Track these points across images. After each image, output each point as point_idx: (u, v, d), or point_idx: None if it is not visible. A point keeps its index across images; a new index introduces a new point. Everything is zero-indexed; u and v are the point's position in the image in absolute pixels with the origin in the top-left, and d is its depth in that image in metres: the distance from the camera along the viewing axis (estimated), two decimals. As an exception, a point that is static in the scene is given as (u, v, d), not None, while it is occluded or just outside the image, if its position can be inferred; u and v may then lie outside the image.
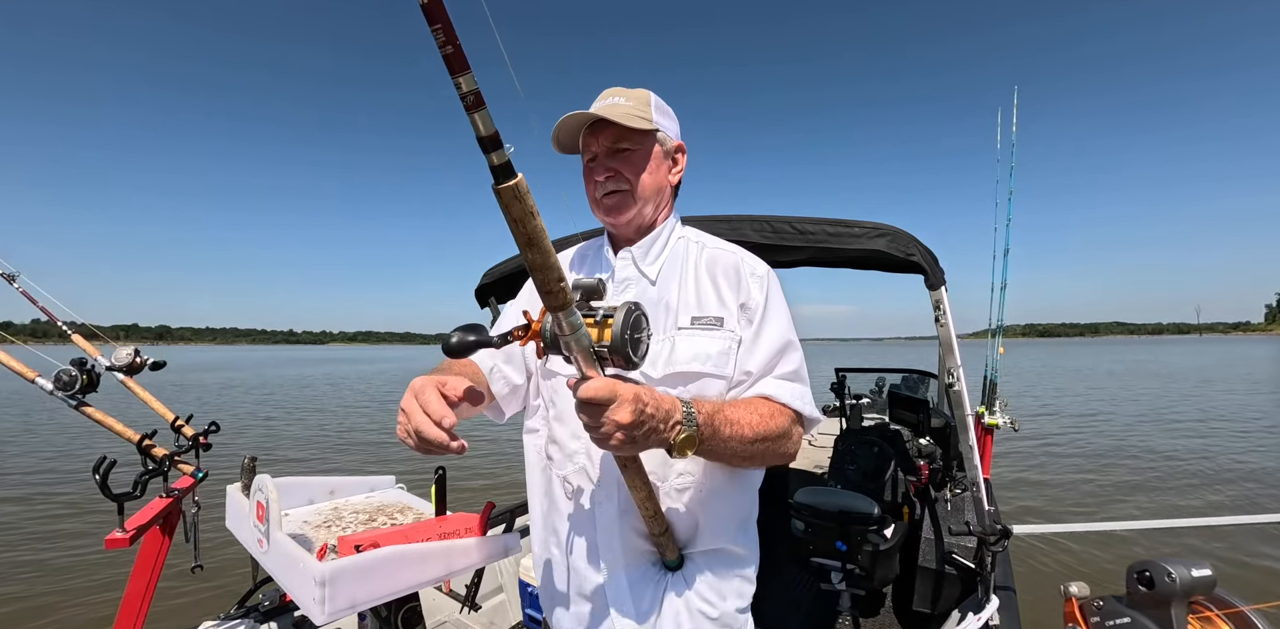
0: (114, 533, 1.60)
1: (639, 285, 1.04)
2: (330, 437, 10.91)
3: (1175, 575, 1.45)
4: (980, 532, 1.83)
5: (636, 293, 1.03)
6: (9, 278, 2.02)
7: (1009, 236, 3.88)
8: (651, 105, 1.00)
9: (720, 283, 1.01)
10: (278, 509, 1.10)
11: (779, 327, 0.99)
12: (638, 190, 1.00)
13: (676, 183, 1.08)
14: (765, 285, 1.00)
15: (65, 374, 1.71)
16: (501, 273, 2.09)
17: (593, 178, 1.02)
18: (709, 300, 1.00)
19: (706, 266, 1.03)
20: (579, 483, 1.01)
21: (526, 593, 2.22)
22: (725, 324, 0.97)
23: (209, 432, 2.03)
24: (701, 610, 0.97)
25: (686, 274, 1.04)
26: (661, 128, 1.01)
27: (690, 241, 1.09)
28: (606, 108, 0.97)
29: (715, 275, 1.02)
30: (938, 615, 2.21)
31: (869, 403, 4.34)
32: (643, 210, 1.03)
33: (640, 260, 1.05)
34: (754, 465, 0.97)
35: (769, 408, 0.91)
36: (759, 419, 0.87)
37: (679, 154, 1.07)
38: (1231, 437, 9.93)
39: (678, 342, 0.97)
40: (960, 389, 1.64)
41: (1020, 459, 8.22)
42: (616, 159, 1.00)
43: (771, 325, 0.98)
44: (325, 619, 0.95)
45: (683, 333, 0.97)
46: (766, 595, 1.15)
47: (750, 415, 0.87)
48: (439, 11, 0.48)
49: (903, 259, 1.46)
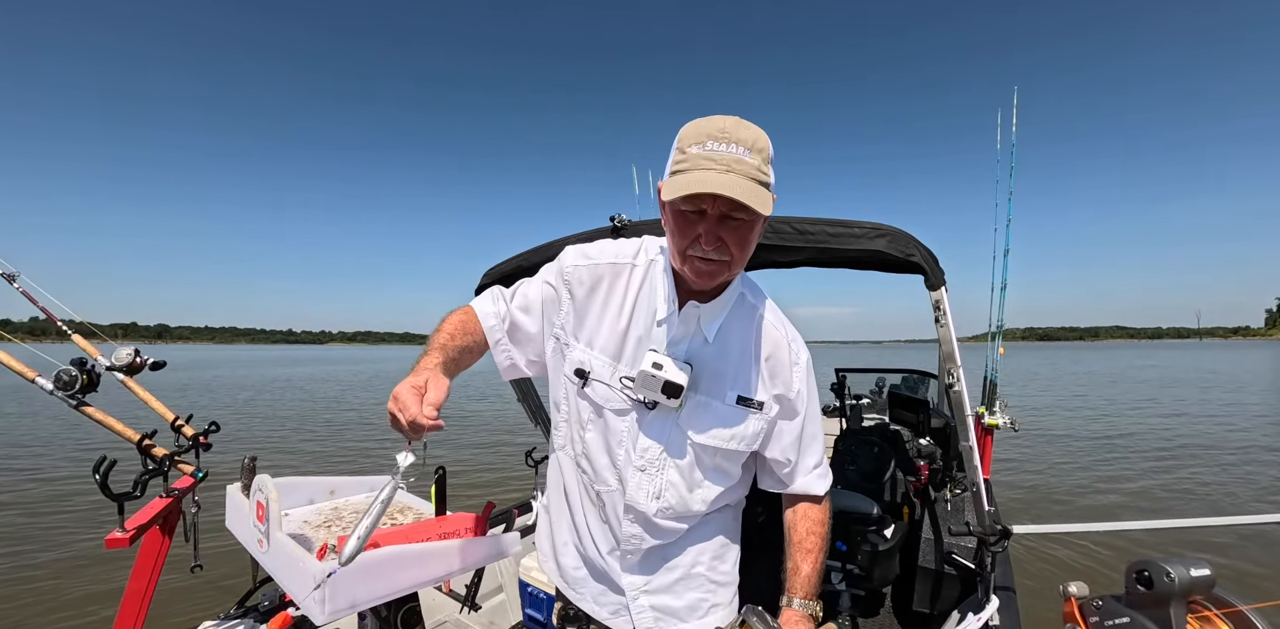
0: (114, 533, 1.60)
1: (695, 341, 1.03)
2: (330, 436, 10.90)
3: (1174, 575, 1.45)
4: (980, 532, 1.83)
5: (690, 349, 1.03)
6: (9, 277, 2.02)
7: (1009, 237, 3.87)
8: (771, 162, 0.90)
9: (765, 366, 1.05)
10: (278, 509, 1.10)
11: (815, 417, 1.11)
12: (735, 262, 0.95)
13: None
14: (805, 375, 1.07)
15: (65, 374, 1.71)
16: (502, 272, 2.09)
17: (693, 236, 0.91)
18: (754, 381, 1.05)
19: (756, 341, 1.05)
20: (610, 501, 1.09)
21: (526, 593, 2.22)
22: (764, 409, 1.05)
23: (209, 431, 2.03)
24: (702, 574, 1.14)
25: (740, 343, 1.05)
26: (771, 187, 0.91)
27: (746, 300, 1.07)
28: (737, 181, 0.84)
29: (762, 354, 1.05)
30: (937, 616, 2.21)
31: (869, 403, 4.35)
32: (728, 279, 1.01)
33: (704, 318, 1.03)
34: None
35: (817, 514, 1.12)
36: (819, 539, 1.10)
37: None
38: (1231, 437, 9.93)
39: (725, 416, 1.04)
40: (960, 389, 1.64)
41: (1021, 459, 8.22)
42: (725, 227, 0.91)
43: (811, 418, 1.10)
44: (325, 619, 0.95)
45: (729, 409, 1.04)
46: (766, 595, 1.16)
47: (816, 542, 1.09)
48: None
49: (902, 259, 1.45)
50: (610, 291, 1.05)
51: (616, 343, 1.04)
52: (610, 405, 1.04)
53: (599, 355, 1.04)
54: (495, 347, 1.08)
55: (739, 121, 0.89)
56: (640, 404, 1.02)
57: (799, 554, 1.09)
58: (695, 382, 1.01)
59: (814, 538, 1.09)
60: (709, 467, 1.06)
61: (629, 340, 1.04)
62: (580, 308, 1.06)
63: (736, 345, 1.04)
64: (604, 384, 1.04)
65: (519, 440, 8.22)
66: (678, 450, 1.03)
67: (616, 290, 1.05)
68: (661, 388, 0.96)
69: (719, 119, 0.89)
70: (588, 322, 1.06)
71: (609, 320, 1.05)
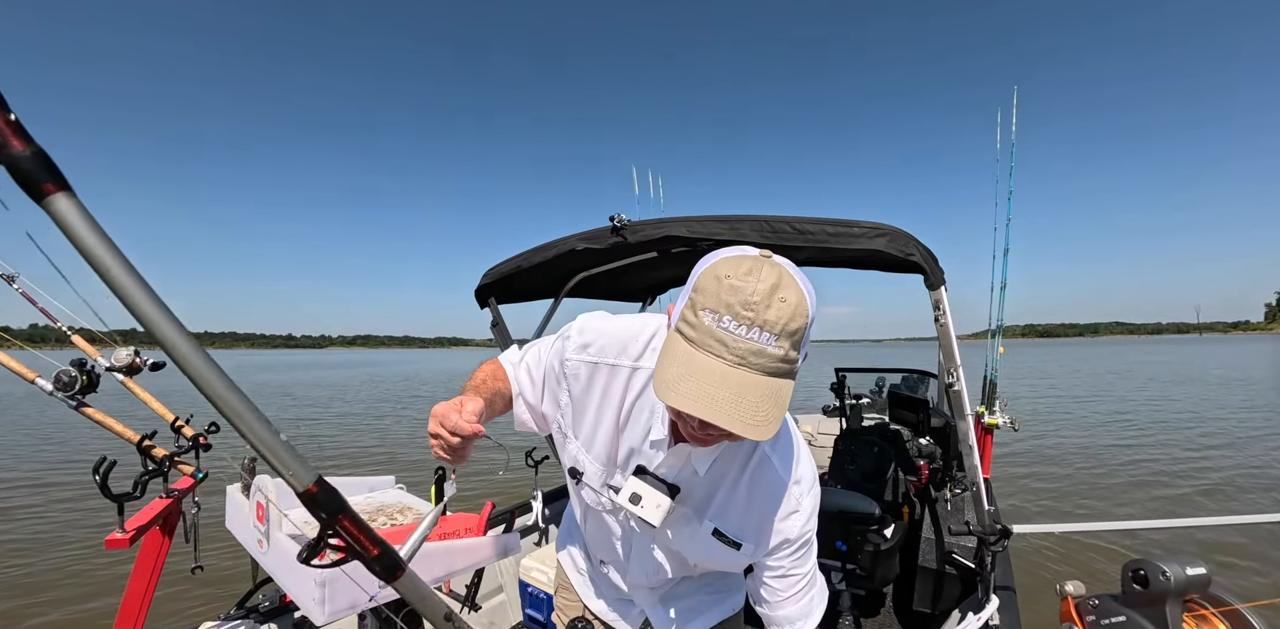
0: (114, 533, 1.60)
1: (684, 472, 0.95)
2: (330, 436, 10.91)
3: (1170, 574, 1.45)
4: (980, 531, 1.83)
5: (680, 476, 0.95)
6: (8, 279, 2.02)
7: (1009, 236, 3.88)
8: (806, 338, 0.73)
9: (754, 511, 0.96)
10: (278, 510, 1.10)
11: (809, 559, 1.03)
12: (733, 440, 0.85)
13: None
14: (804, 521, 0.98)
15: (65, 375, 1.70)
16: (501, 273, 2.09)
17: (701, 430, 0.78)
18: (736, 520, 0.97)
19: (750, 481, 0.96)
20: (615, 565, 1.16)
21: (526, 593, 2.22)
22: (743, 549, 0.98)
23: (209, 432, 2.03)
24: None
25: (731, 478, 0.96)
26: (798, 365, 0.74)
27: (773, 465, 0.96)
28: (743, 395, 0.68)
29: (755, 497, 0.96)
30: (938, 615, 2.22)
31: (869, 403, 4.35)
32: None
33: (696, 458, 0.93)
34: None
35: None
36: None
37: None
38: (1231, 436, 9.94)
39: (697, 537, 0.99)
40: (960, 389, 1.64)
41: (1020, 459, 8.23)
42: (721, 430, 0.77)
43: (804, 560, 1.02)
44: (325, 619, 0.95)
45: (704, 535, 0.99)
46: None
47: None
48: None
49: (902, 259, 1.46)
50: (607, 393, 0.97)
51: (608, 450, 1.00)
52: (600, 507, 1.07)
53: (592, 460, 1.02)
54: (515, 399, 1.05)
55: (775, 289, 0.68)
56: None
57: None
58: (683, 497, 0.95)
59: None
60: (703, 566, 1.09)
61: (621, 449, 0.99)
62: (578, 404, 1.00)
63: (728, 482, 0.96)
64: (593, 490, 1.04)
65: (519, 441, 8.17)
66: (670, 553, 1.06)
67: (613, 393, 0.97)
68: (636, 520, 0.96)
69: (752, 279, 0.68)
70: (585, 421, 1.00)
71: (605, 425, 0.99)
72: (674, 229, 1.58)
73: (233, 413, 0.53)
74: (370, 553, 0.65)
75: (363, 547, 0.65)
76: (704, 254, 0.77)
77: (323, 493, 0.60)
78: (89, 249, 0.47)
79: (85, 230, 0.46)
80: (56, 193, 0.45)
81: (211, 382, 0.52)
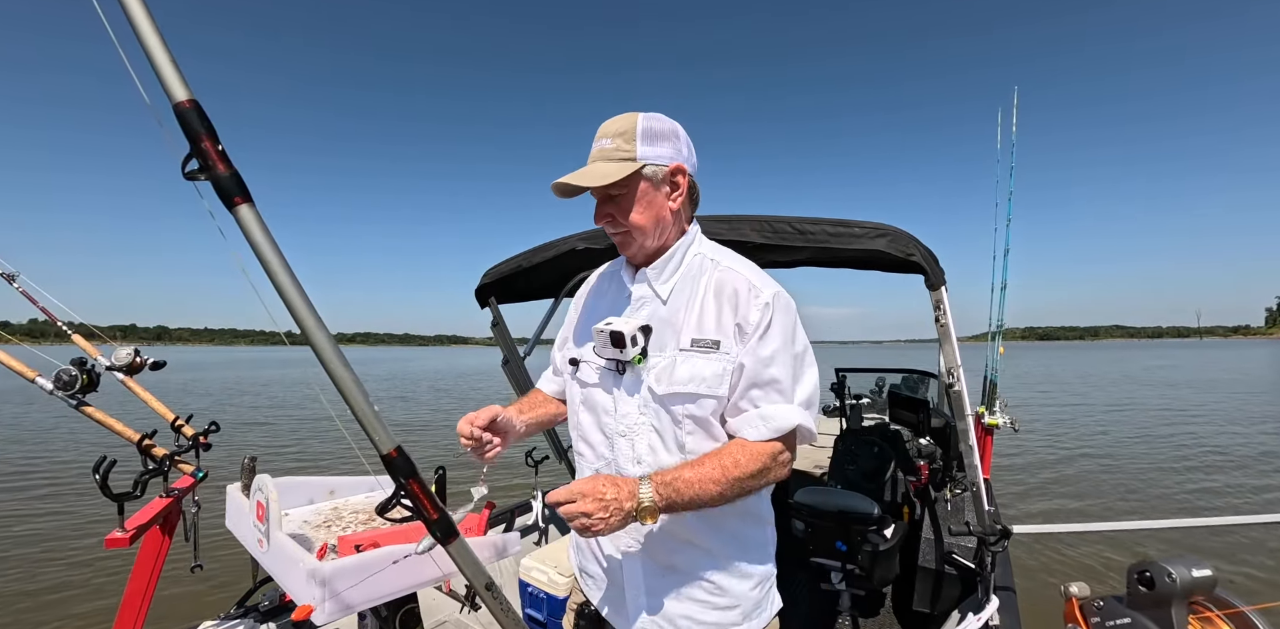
0: (114, 533, 1.60)
1: (652, 305, 1.10)
2: (330, 436, 10.91)
3: (1175, 576, 1.45)
4: (980, 532, 1.83)
5: (650, 312, 1.10)
6: (9, 278, 2.02)
7: (1009, 237, 3.88)
8: (638, 136, 1.02)
9: (724, 305, 1.04)
10: (278, 509, 1.10)
11: (767, 354, 1.00)
12: (636, 230, 1.06)
13: (678, 207, 1.08)
14: (767, 310, 1.01)
15: (65, 374, 1.70)
16: (501, 273, 2.09)
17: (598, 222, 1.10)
18: (709, 323, 1.04)
19: (715, 288, 1.06)
20: None
21: (526, 593, 2.22)
22: (721, 347, 1.02)
23: (209, 431, 2.03)
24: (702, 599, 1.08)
25: (695, 294, 1.07)
26: (648, 159, 1.02)
27: (706, 259, 1.11)
28: (586, 172, 1.03)
29: (721, 297, 1.04)
30: (938, 615, 2.21)
31: (869, 403, 4.34)
32: (644, 244, 1.09)
33: (654, 280, 1.11)
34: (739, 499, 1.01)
35: (740, 454, 0.98)
36: (721, 471, 0.96)
37: (678, 177, 1.06)
38: (1232, 437, 9.93)
39: (679, 362, 1.03)
40: (960, 389, 1.64)
41: (1020, 459, 8.22)
42: (610, 204, 1.06)
43: (761, 353, 1.00)
44: (325, 619, 0.95)
45: (683, 354, 1.04)
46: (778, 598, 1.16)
47: (713, 470, 0.95)
48: None
49: (903, 259, 1.45)
50: (587, 296, 1.27)
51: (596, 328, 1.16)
52: (592, 380, 1.13)
53: (585, 344, 1.17)
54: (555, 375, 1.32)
55: (616, 117, 1.05)
56: (614, 373, 1.09)
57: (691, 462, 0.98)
58: (656, 340, 1.07)
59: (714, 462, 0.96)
60: (687, 428, 1.04)
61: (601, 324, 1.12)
62: (574, 319, 1.27)
63: (693, 297, 1.08)
64: (587, 363, 1.15)
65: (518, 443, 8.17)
66: (652, 410, 1.05)
67: (590, 293, 1.27)
68: (610, 341, 1.04)
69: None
70: (577, 326, 1.25)
71: (588, 317, 1.21)
72: None
73: (346, 387, 0.66)
74: (431, 516, 0.74)
75: (425, 510, 0.73)
76: None
77: (400, 458, 0.71)
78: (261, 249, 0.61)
79: (260, 235, 0.61)
80: (242, 204, 0.60)
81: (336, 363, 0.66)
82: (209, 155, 0.58)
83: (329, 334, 0.65)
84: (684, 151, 1.07)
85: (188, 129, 0.57)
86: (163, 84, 0.57)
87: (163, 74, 0.57)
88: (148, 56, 0.56)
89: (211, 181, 0.58)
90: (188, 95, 0.57)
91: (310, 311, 0.64)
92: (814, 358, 1.07)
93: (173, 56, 0.57)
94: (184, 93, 0.57)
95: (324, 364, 0.65)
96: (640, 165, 1.01)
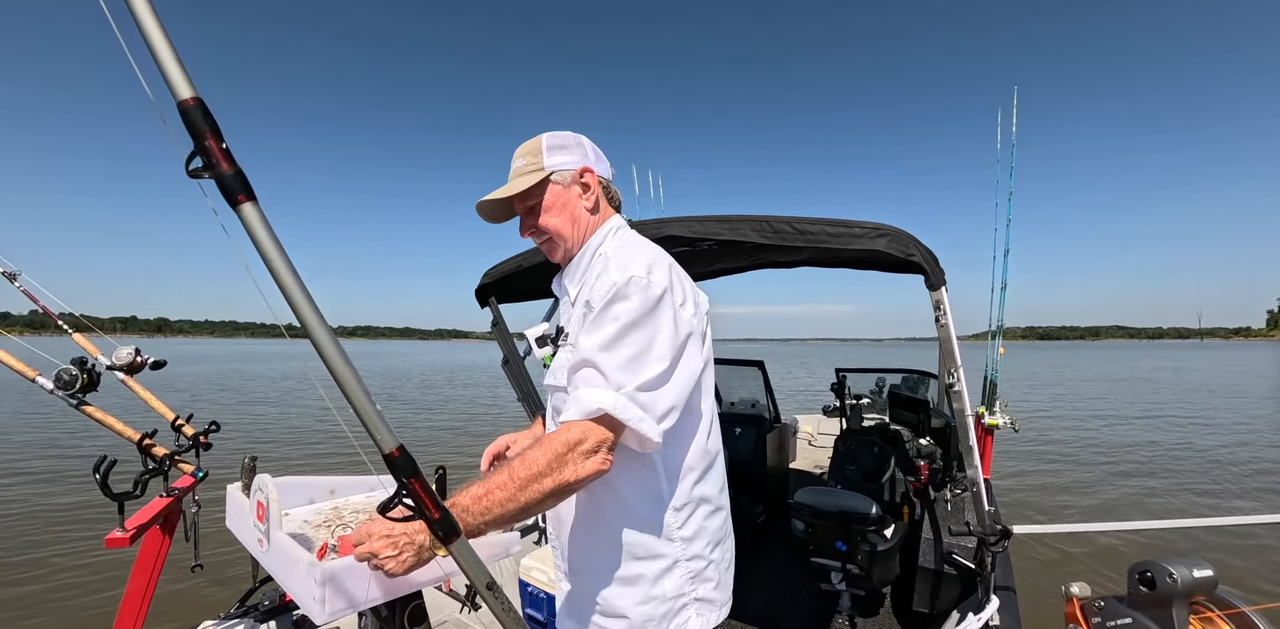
0: (114, 532, 1.60)
1: (564, 304, 1.18)
2: (330, 435, 10.90)
3: (1176, 576, 1.45)
4: (980, 532, 1.83)
5: (566, 314, 1.15)
6: (10, 276, 2.03)
7: (1009, 237, 3.88)
8: (543, 150, 1.10)
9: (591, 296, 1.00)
10: (278, 509, 1.10)
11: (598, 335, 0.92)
12: (554, 235, 1.12)
13: (593, 205, 1.13)
14: (612, 289, 0.93)
15: (66, 373, 1.70)
16: (501, 273, 2.09)
17: (524, 235, 1.18)
18: (576, 317, 1.06)
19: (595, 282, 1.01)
20: None
21: (526, 593, 2.22)
22: (572, 337, 1.06)
23: (209, 431, 2.03)
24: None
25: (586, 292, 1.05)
26: (554, 167, 1.09)
27: (605, 258, 1.05)
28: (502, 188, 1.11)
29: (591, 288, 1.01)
30: (937, 615, 2.21)
31: (869, 403, 4.34)
32: (567, 247, 1.14)
33: (569, 283, 1.17)
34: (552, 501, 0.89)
35: (535, 450, 0.86)
36: (508, 475, 0.84)
37: (586, 176, 1.12)
38: (1233, 437, 9.93)
39: (559, 356, 1.10)
40: (960, 389, 1.64)
41: (1020, 459, 8.22)
42: (531, 215, 1.13)
43: (593, 334, 0.92)
44: (325, 619, 0.95)
45: (562, 348, 1.10)
46: (766, 595, 1.16)
47: (500, 475, 0.85)
48: None
49: (903, 259, 1.45)
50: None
51: None
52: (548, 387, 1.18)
53: None
54: None
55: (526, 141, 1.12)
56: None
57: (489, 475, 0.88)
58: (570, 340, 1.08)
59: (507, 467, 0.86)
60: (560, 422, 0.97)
61: None
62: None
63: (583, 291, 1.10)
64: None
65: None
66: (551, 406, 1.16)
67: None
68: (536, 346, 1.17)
69: None
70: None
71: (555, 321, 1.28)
72: (674, 229, 1.58)
73: (348, 385, 0.66)
74: (433, 515, 0.73)
75: (427, 509, 0.73)
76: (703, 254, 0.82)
77: (403, 457, 0.71)
78: (264, 247, 0.62)
79: (263, 233, 0.61)
80: (246, 202, 0.60)
81: (337, 361, 0.65)
82: (213, 153, 0.59)
83: (331, 333, 0.65)
84: (590, 156, 1.14)
85: (192, 127, 0.58)
86: (167, 82, 0.57)
87: (167, 72, 0.57)
88: (152, 54, 0.56)
89: (215, 179, 0.59)
90: (192, 93, 0.58)
91: (312, 309, 0.65)
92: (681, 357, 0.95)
93: (177, 54, 0.57)
94: (188, 91, 0.57)
95: (327, 363, 0.66)
96: (548, 173, 1.09)
